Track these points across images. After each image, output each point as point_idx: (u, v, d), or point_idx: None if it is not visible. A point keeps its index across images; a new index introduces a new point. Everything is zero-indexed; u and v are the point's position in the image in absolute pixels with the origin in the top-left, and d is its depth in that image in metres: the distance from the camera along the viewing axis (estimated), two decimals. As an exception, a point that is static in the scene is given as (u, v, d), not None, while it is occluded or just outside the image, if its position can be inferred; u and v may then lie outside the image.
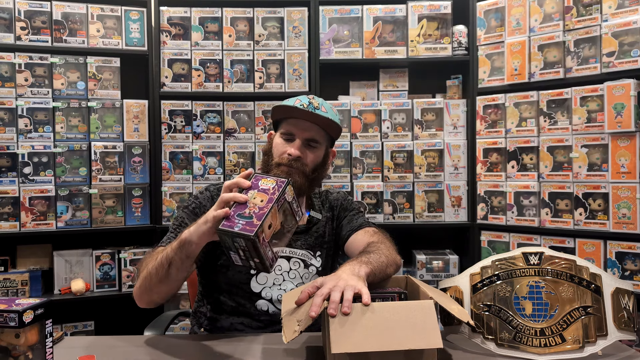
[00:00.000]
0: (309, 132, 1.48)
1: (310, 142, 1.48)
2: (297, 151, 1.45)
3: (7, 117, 2.63)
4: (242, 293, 1.45)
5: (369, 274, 1.16)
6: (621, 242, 2.33)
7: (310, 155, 1.48)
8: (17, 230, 2.62)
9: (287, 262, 1.48)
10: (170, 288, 1.28)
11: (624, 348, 1.19)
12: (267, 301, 1.45)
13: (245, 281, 1.45)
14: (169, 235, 1.44)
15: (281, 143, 1.49)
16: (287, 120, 1.50)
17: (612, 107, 2.32)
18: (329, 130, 1.52)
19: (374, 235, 1.46)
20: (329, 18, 2.86)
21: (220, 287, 1.48)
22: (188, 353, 1.21)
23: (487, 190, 2.75)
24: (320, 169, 1.52)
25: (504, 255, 1.23)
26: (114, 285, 2.79)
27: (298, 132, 1.47)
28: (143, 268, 1.31)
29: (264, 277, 1.45)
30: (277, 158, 1.47)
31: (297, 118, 1.48)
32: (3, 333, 0.93)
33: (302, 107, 1.45)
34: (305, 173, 1.47)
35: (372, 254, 1.26)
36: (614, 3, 2.36)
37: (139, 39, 2.83)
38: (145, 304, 1.34)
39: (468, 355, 1.16)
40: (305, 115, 1.46)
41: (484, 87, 2.78)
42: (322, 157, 1.52)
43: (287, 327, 1.02)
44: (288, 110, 1.49)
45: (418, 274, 2.79)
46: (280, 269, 1.47)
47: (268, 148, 1.53)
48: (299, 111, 1.46)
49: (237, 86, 2.86)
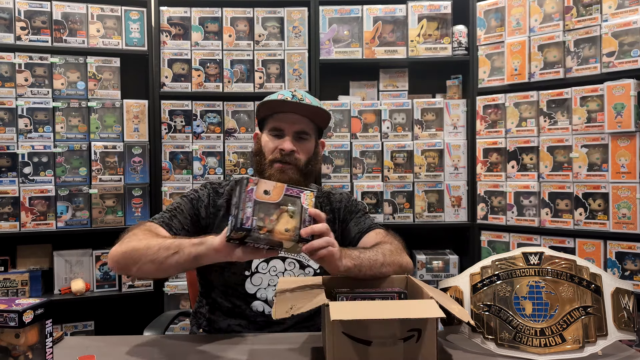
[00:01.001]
0: (298, 124, 1.47)
1: (300, 135, 1.47)
2: (290, 145, 1.44)
3: (7, 117, 2.63)
4: (237, 294, 1.45)
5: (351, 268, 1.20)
6: (621, 242, 2.33)
7: (302, 149, 1.47)
8: (17, 230, 2.62)
9: (282, 262, 1.47)
10: (157, 274, 1.26)
11: (624, 348, 1.19)
12: (262, 302, 1.44)
13: (239, 282, 1.44)
14: (162, 214, 1.44)
15: (271, 140, 1.48)
16: (273, 116, 1.49)
17: (612, 107, 2.32)
18: (317, 120, 1.51)
19: (385, 237, 1.45)
20: (329, 18, 2.86)
21: (216, 287, 1.48)
22: (188, 353, 1.21)
23: (487, 190, 2.75)
24: (313, 161, 1.51)
25: (504, 255, 1.23)
26: (114, 285, 2.79)
27: (287, 126, 1.46)
28: (131, 239, 1.28)
29: (259, 278, 1.45)
30: (270, 156, 1.46)
31: (284, 112, 1.47)
32: (3, 333, 0.93)
33: (287, 100, 1.44)
34: (299, 167, 1.46)
35: (369, 251, 1.28)
36: (614, 3, 2.36)
37: (139, 39, 2.83)
38: (120, 271, 1.31)
39: (468, 355, 1.16)
40: (292, 107, 1.45)
41: (484, 87, 2.78)
42: (313, 149, 1.51)
43: (279, 306, 1.04)
44: (274, 106, 1.47)
45: (418, 274, 2.79)
46: (275, 270, 1.46)
47: (258, 148, 1.51)
48: (286, 104, 1.45)
49: (237, 86, 2.86)
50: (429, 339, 1.01)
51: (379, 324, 1.00)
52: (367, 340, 1.00)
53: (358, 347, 1.00)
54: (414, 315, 0.98)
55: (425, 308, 1.01)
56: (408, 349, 1.01)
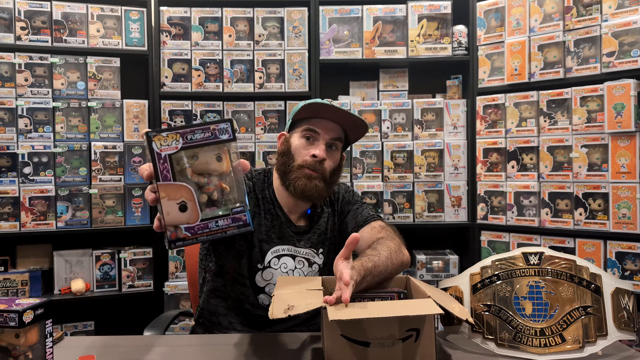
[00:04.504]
0: (334, 131, 1.45)
1: (333, 142, 1.45)
2: (323, 153, 1.42)
3: (7, 117, 2.63)
4: (247, 285, 1.45)
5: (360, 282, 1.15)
6: (621, 242, 2.33)
7: (331, 158, 1.46)
8: (17, 230, 2.62)
9: (292, 260, 1.48)
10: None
11: (624, 348, 1.19)
12: (269, 297, 1.45)
13: (251, 274, 1.45)
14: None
15: (303, 144, 1.44)
16: (309, 120, 1.46)
17: (612, 107, 2.32)
18: (353, 131, 1.50)
19: (381, 231, 1.44)
20: (329, 18, 2.86)
21: (228, 274, 1.47)
22: (188, 353, 1.21)
23: (487, 190, 2.75)
24: (337, 173, 1.50)
25: (504, 255, 1.23)
26: (114, 285, 2.79)
27: (323, 131, 1.44)
28: None
29: (270, 273, 1.45)
30: (300, 160, 1.43)
31: (322, 118, 1.44)
32: (3, 333, 0.93)
33: (333, 105, 1.41)
34: (325, 177, 1.44)
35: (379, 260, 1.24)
36: (614, 3, 2.36)
37: (139, 39, 2.83)
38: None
39: (468, 355, 1.16)
40: (334, 113, 1.42)
41: (484, 87, 2.78)
42: (338, 161, 1.50)
43: (276, 305, 1.03)
44: (317, 109, 1.44)
45: (418, 274, 2.79)
46: (285, 267, 1.47)
47: (286, 149, 1.47)
48: (329, 109, 1.42)
49: (237, 86, 2.86)
50: (428, 338, 1.01)
51: (377, 324, 0.99)
52: (366, 342, 1.00)
53: (357, 349, 1.00)
54: (410, 312, 0.98)
55: (422, 306, 1.01)
56: (407, 349, 1.01)
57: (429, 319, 1.01)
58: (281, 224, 1.49)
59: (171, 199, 0.89)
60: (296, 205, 1.50)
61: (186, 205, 0.89)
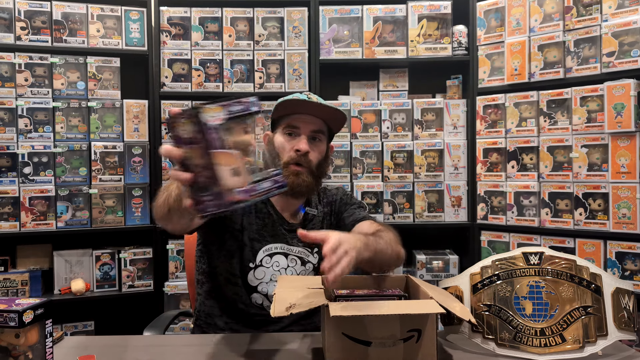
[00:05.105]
0: (314, 124, 1.47)
1: (315, 134, 1.47)
2: (306, 146, 1.43)
3: (7, 117, 2.63)
4: (239, 284, 1.45)
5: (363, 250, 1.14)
6: (621, 242, 2.33)
7: (315, 149, 1.47)
8: (17, 230, 2.62)
9: (284, 258, 1.48)
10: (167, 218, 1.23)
11: (624, 348, 1.19)
12: (262, 295, 1.45)
13: (243, 273, 1.45)
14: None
15: (286, 140, 1.47)
16: (288, 117, 1.48)
17: (612, 107, 2.32)
18: (333, 123, 1.52)
19: (379, 226, 1.45)
20: (329, 18, 2.86)
21: (220, 275, 1.48)
22: (188, 353, 1.21)
23: (487, 190, 2.75)
24: (324, 164, 1.51)
25: (504, 255, 1.23)
26: (114, 285, 2.79)
27: (303, 125, 1.46)
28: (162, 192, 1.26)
29: (262, 272, 1.46)
30: (286, 157, 1.45)
31: (301, 113, 1.46)
32: (3, 333, 0.93)
33: (307, 100, 1.44)
34: (312, 169, 1.46)
35: (379, 239, 1.26)
36: (614, 3, 2.36)
37: (139, 39, 2.83)
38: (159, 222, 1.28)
39: (468, 355, 1.16)
40: (310, 108, 1.45)
41: (484, 87, 2.78)
42: (325, 151, 1.51)
43: (278, 303, 1.03)
44: (292, 106, 1.46)
45: (418, 274, 2.79)
46: (277, 265, 1.47)
47: (271, 147, 1.50)
48: (305, 104, 1.44)
49: (237, 86, 2.86)
50: (429, 339, 1.01)
51: (378, 324, 1.00)
52: (367, 341, 1.00)
53: (358, 348, 1.00)
54: (413, 311, 0.98)
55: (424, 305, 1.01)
56: (408, 349, 1.01)
57: (431, 320, 1.01)
58: (273, 222, 1.50)
59: (226, 165, 0.93)
60: (288, 202, 1.52)
61: (239, 170, 0.94)
